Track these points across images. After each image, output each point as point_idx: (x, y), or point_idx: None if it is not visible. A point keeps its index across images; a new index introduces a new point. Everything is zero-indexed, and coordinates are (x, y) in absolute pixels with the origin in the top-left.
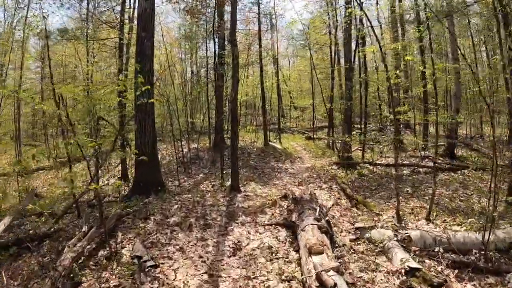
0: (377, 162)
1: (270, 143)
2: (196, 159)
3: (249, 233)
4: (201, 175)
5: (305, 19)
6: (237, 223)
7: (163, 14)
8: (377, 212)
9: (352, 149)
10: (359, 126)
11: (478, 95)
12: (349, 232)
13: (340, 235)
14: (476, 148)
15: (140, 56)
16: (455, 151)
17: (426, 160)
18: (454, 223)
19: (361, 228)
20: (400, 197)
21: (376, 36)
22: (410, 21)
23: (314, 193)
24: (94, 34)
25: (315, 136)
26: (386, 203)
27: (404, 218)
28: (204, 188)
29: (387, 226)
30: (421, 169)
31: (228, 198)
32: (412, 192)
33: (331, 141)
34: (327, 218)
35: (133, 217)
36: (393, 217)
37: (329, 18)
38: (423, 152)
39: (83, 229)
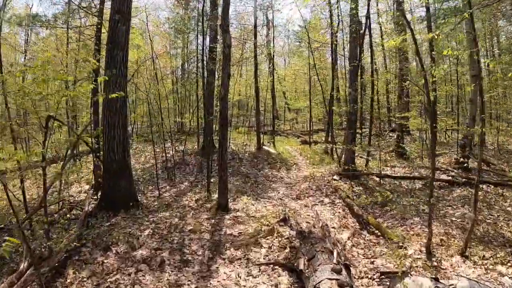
0: (385, 173)
1: (263, 146)
2: (182, 164)
3: (239, 276)
4: (185, 183)
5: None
6: (224, 259)
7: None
8: (398, 241)
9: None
10: (358, 131)
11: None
12: (372, 279)
13: (361, 285)
14: (483, 157)
15: (112, 43)
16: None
17: (438, 172)
18: (496, 260)
19: (388, 274)
20: (418, 219)
21: (408, 23)
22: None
23: (326, 225)
24: (70, 20)
25: (311, 140)
26: (402, 226)
27: (434, 252)
28: (187, 202)
29: (419, 269)
30: (435, 183)
31: (213, 220)
32: (426, 213)
33: (329, 147)
34: (344, 260)
35: (92, 246)
36: (420, 251)
37: (331, 13)
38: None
39: (21, 267)
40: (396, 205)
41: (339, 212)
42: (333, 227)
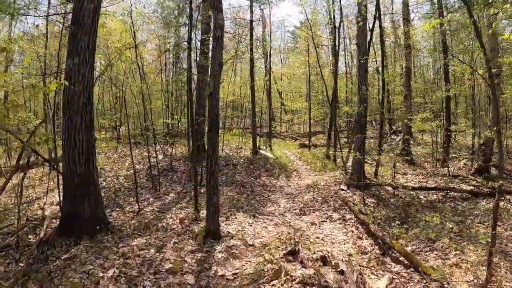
0: (397, 181)
1: (259, 151)
2: (169, 170)
3: None
4: (172, 194)
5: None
6: None
7: None
8: (438, 278)
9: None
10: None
11: None
12: None
13: None
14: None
15: (76, 25)
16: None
17: (457, 180)
18: None
19: None
20: (449, 240)
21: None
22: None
23: (360, 274)
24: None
25: (310, 143)
26: (432, 251)
27: None
28: (171, 222)
29: None
30: (455, 194)
31: (200, 254)
32: (459, 231)
33: (332, 152)
34: None
35: None
36: None
37: (333, 7)
38: (445, 168)
39: None
40: (417, 222)
41: (352, 231)
42: (349, 254)
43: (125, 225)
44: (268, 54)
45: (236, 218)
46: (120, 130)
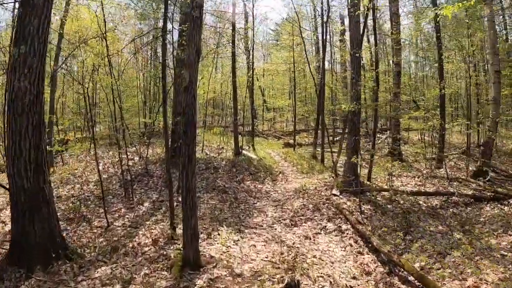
0: (395, 187)
1: (242, 151)
2: (144, 175)
3: None
4: (146, 203)
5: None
6: None
7: None
8: None
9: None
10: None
11: None
12: None
13: None
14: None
15: (24, 7)
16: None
17: (457, 183)
18: None
19: None
20: (460, 254)
21: None
22: None
23: None
24: None
25: (295, 142)
26: (445, 268)
27: None
28: (143, 241)
29: None
30: (457, 198)
31: None
32: (469, 242)
33: (319, 151)
34: None
35: None
36: None
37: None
38: (440, 169)
39: None
40: (421, 233)
41: (350, 245)
42: (353, 277)
43: (90, 245)
44: (251, 48)
45: (219, 234)
46: (95, 130)
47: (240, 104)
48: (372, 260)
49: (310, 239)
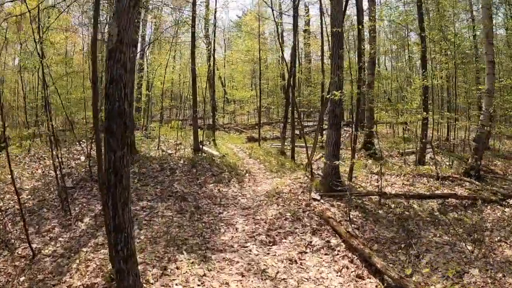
0: (377, 185)
1: (202, 147)
2: (88, 180)
3: None
4: (86, 219)
5: None
6: None
7: None
8: None
9: (315, 158)
10: (309, 124)
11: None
12: None
13: None
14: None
15: None
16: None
17: (448, 182)
18: None
19: None
20: (478, 272)
21: None
22: None
23: None
24: None
25: (257, 135)
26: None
27: None
28: (74, 284)
29: None
30: (454, 200)
31: None
32: (483, 255)
33: (287, 146)
34: None
35: None
36: None
37: None
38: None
39: None
40: (426, 245)
41: (346, 267)
42: None
43: None
44: (212, 33)
45: (177, 268)
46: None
47: (199, 95)
48: (377, 286)
49: (296, 262)
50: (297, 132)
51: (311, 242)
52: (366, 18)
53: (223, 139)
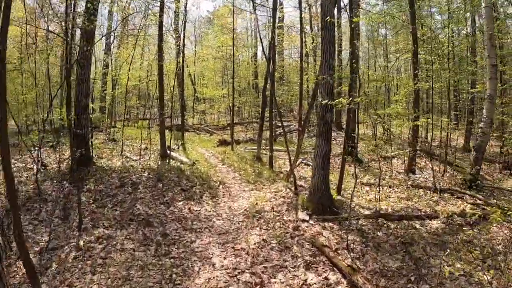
0: (374, 200)
1: (170, 152)
2: (35, 200)
3: None
4: (30, 252)
5: None
6: None
7: None
8: None
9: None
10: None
11: None
12: None
13: None
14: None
15: None
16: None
17: (448, 194)
18: None
19: None
20: None
21: None
22: None
23: None
24: None
25: (229, 138)
26: None
27: None
28: None
29: None
30: (460, 218)
31: None
32: (504, 285)
33: (263, 152)
34: None
35: None
36: None
37: None
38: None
39: None
40: (437, 276)
41: None
42: None
43: None
44: (182, 26)
45: None
46: None
47: (168, 94)
48: None
49: None
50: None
51: (306, 280)
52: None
53: (193, 142)
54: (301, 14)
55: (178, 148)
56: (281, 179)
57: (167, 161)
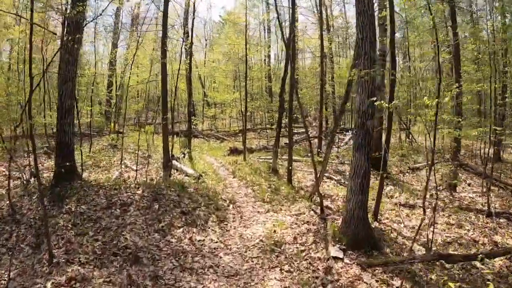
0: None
1: (174, 162)
2: (8, 221)
3: None
4: None
5: None
6: None
7: None
8: None
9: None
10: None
11: None
12: None
13: None
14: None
15: None
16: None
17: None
18: None
19: None
20: None
21: None
22: None
23: None
24: None
25: (241, 146)
26: None
27: None
28: None
29: None
30: None
31: None
32: None
33: (280, 162)
34: None
35: None
36: None
37: None
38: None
39: None
40: None
41: None
42: None
43: None
44: (191, 26)
45: None
46: None
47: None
48: None
49: None
50: (286, 141)
51: None
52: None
53: (201, 149)
54: (321, 7)
55: (183, 157)
56: (302, 198)
57: (169, 172)
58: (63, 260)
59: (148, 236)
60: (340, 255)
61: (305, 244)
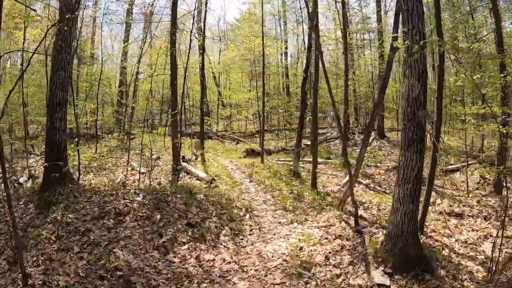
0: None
1: (184, 164)
2: None
3: None
4: None
5: None
6: None
7: None
8: None
9: (341, 182)
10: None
11: None
12: None
13: None
14: None
15: None
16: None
17: None
18: None
19: None
20: None
21: None
22: None
23: None
24: None
25: (258, 147)
26: None
27: None
28: None
29: None
30: None
31: None
32: None
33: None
34: None
35: None
36: None
37: None
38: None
39: None
40: None
41: None
42: None
43: None
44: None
45: None
46: None
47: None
48: None
49: None
50: (306, 142)
51: None
52: None
53: (215, 151)
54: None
55: (196, 159)
56: (330, 205)
57: (178, 176)
58: (39, 283)
59: (145, 254)
60: (387, 281)
61: (340, 266)
